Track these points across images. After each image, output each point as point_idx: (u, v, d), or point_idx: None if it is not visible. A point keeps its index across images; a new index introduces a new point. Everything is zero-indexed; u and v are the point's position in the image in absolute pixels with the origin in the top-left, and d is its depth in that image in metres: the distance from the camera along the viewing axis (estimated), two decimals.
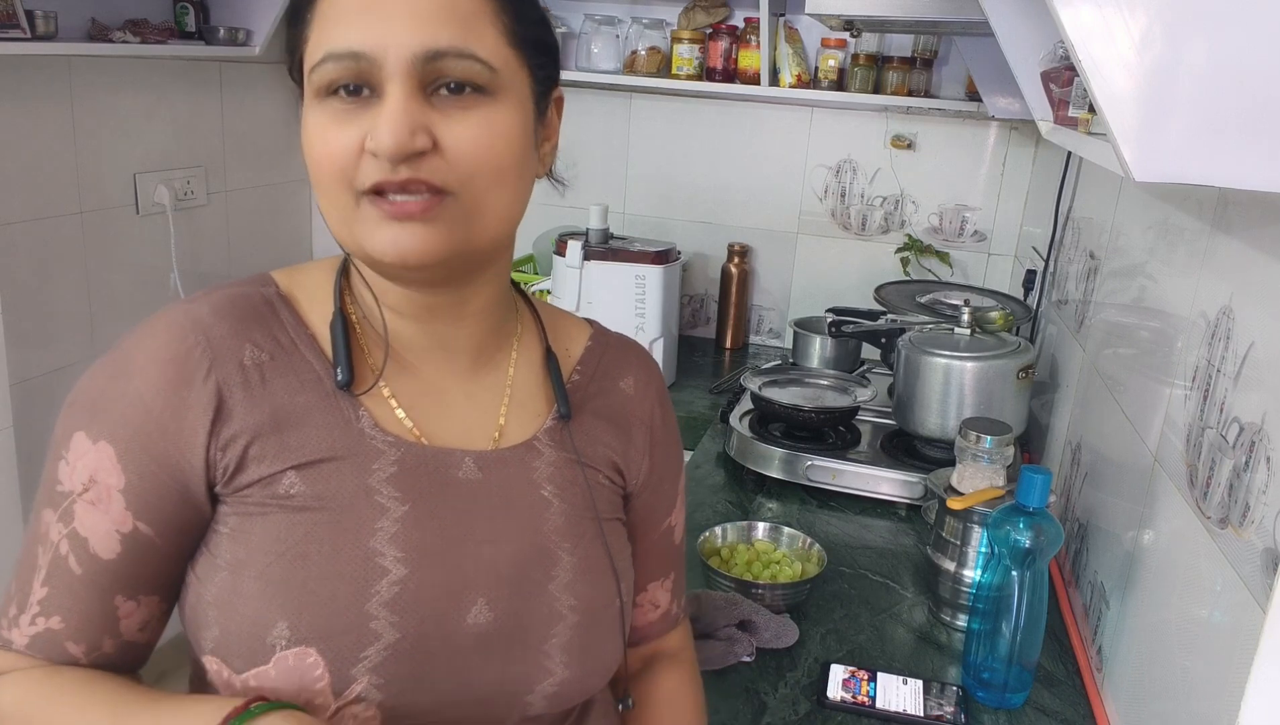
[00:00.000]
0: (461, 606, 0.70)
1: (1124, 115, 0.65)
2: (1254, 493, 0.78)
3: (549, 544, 0.75)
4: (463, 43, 0.65)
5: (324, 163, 0.66)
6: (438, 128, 0.65)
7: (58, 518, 0.69)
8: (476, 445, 0.75)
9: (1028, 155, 2.37)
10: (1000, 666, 1.12)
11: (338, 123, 0.65)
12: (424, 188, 0.64)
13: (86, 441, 0.68)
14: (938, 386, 1.61)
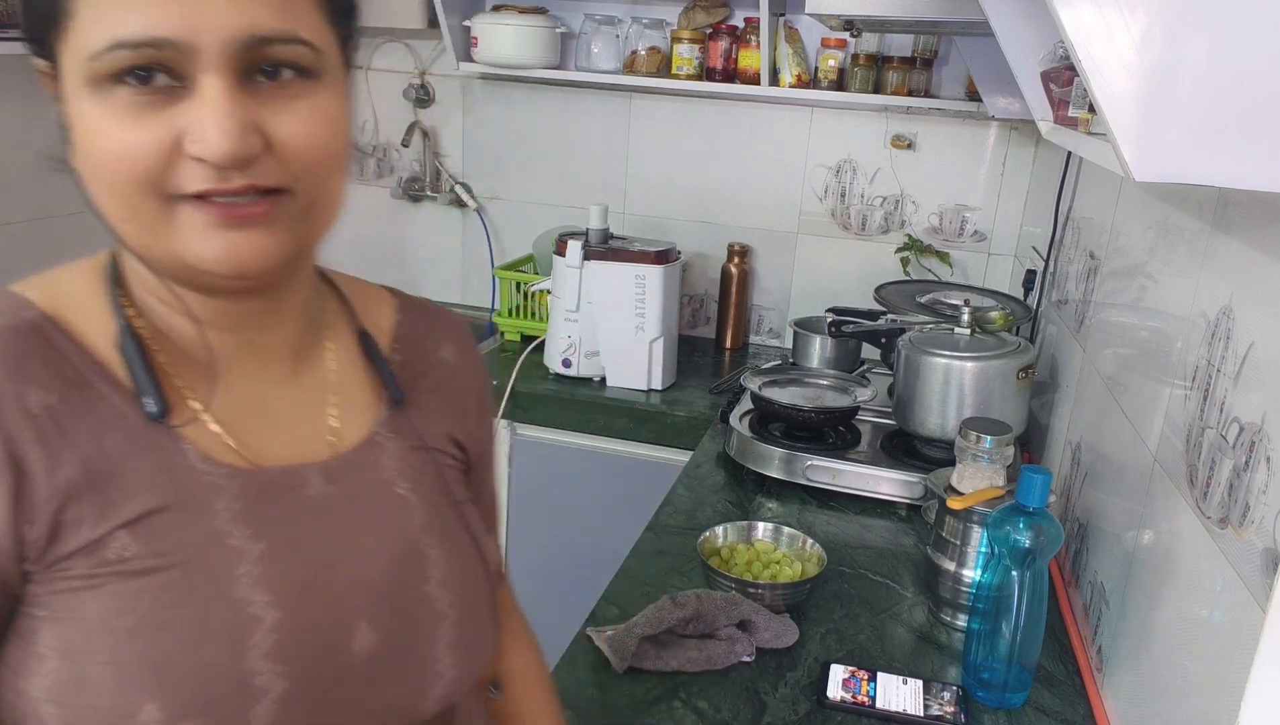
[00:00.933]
0: (345, 635, 0.63)
1: (1124, 115, 0.65)
2: (1254, 493, 0.78)
3: (417, 544, 0.68)
4: (288, 24, 0.57)
5: (120, 164, 0.56)
6: (267, 123, 0.57)
7: None
8: (317, 456, 0.67)
9: (1028, 155, 2.38)
10: (1000, 666, 1.12)
11: (134, 117, 0.55)
12: (258, 190, 0.57)
13: None
14: (938, 386, 1.61)
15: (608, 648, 1.13)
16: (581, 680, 1.12)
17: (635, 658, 1.13)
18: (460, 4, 2.46)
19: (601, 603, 1.29)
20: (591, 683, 1.12)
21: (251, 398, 0.66)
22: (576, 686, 1.11)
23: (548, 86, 2.59)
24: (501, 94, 2.66)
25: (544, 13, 2.46)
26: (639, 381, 2.19)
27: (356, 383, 0.73)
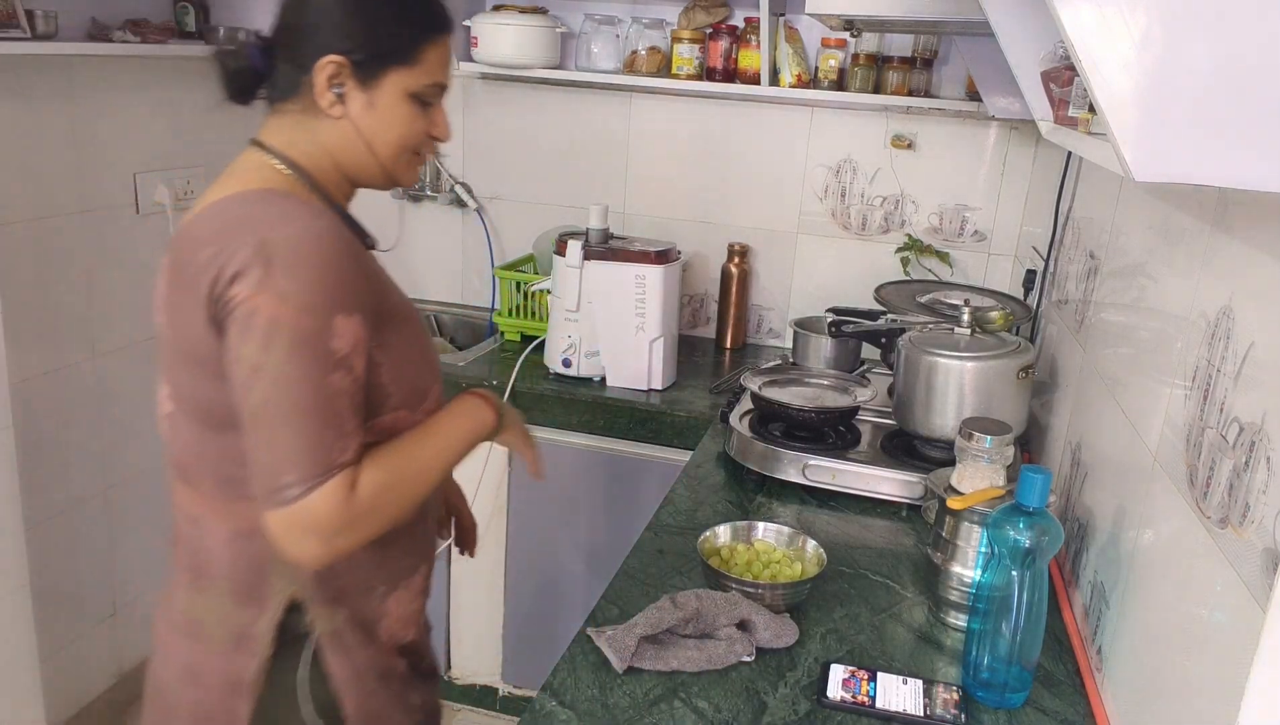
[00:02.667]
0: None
1: (1124, 115, 0.65)
2: (1254, 492, 0.78)
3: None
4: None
5: (410, 136, 1.10)
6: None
7: (344, 374, 0.98)
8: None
9: (1028, 155, 2.38)
10: (1000, 666, 1.12)
11: (419, 117, 1.11)
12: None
13: (345, 319, 0.98)
14: (938, 386, 1.61)
15: (608, 648, 1.13)
16: (581, 680, 1.12)
17: (635, 658, 1.13)
18: (460, 4, 2.47)
19: (601, 603, 1.29)
20: (591, 683, 1.12)
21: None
22: (576, 686, 1.11)
23: (548, 86, 2.59)
24: (502, 94, 2.66)
25: (544, 13, 2.46)
26: (639, 381, 2.19)
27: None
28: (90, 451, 2.28)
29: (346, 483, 0.97)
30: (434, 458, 1.09)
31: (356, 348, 0.99)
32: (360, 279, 1.02)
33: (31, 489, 2.09)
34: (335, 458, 0.96)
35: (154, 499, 2.50)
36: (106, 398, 2.30)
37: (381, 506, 1.01)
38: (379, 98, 1.07)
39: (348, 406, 0.98)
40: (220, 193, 1.05)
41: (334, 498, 0.96)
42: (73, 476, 2.25)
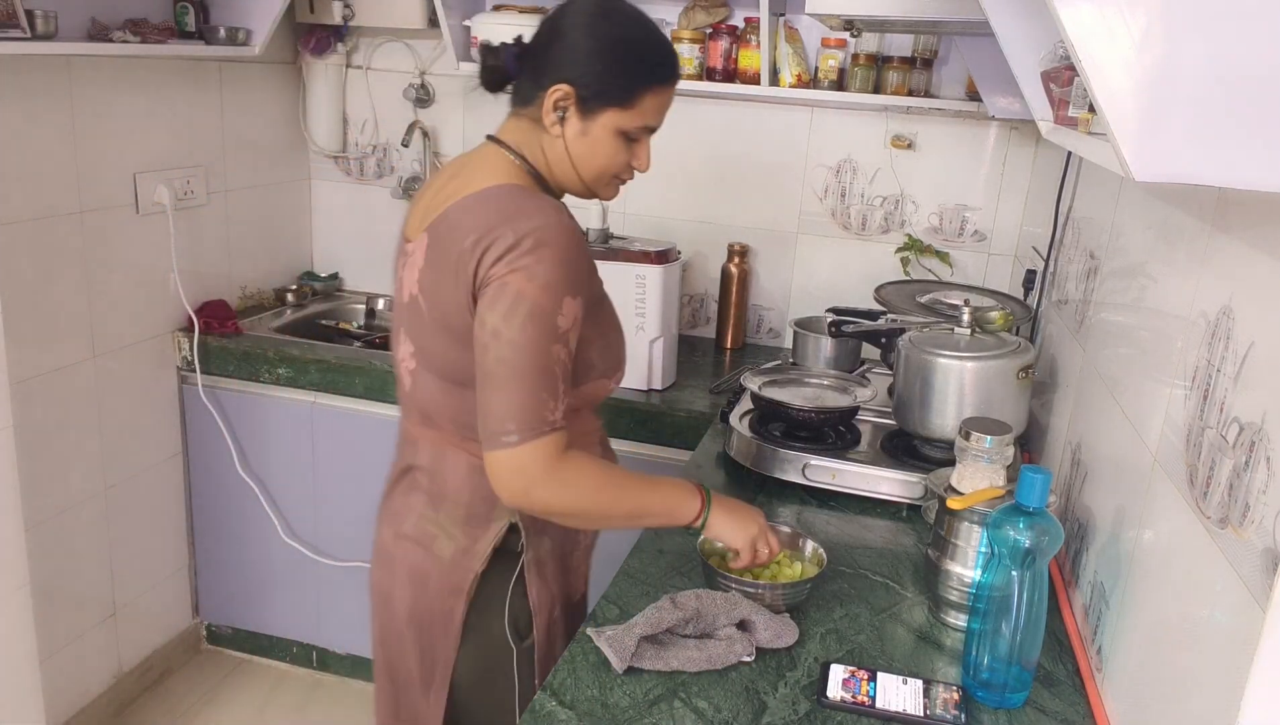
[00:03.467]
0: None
1: (1124, 115, 0.65)
2: (1254, 493, 0.78)
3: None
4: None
5: (613, 165, 1.26)
6: None
7: (562, 346, 1.16)
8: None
9: (1028, 155, 2.38)
10: (1000, 666, 1.12)
11: (624, 150, 1.26)
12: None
13: (571, 300, 1.16)
14: (938, 386, 1.61)
15: (608, 648, 1.13)
16: (581, 680, 1.12)
17: (635, 658, 1.13)
18: (460, 4, 2.46)
19: (601, 603, 1.29)
20: (592, 683, 1.12)
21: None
22: (576, 686, 1.11)
23: None
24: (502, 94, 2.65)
25: (544, 12, 2.45)
26: (639, 381, 2.19)
27: None
28: (90, 451, 2.28)
29: (558, 444, 1.16)
30: (628, 501, 1.24)
31: (574, 326, 1.17)
32: (586, 267, 1.21)
33: (31, 489, 2.09)
34: (547, 417, 1.14)
35: (154, 499, 2.50)
36: (106, 398, 2.30)
37: (573, 485, 1.17)
38: (592, 129, 1.22)
39: (561, 375, 1.16)
40: (472, 183, 1.22)
41: (544, 453, 1.14)
42: (73, 476, 2.25)
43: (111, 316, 2.28)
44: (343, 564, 2.50)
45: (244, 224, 2.68)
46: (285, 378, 2.38)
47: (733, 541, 1.28)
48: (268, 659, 2.70)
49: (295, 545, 2.51)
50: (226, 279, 2.64)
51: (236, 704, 2.54)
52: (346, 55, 2.76)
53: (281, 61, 2.73)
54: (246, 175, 2.66)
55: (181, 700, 2.54)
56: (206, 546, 2.63)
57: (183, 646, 2.67)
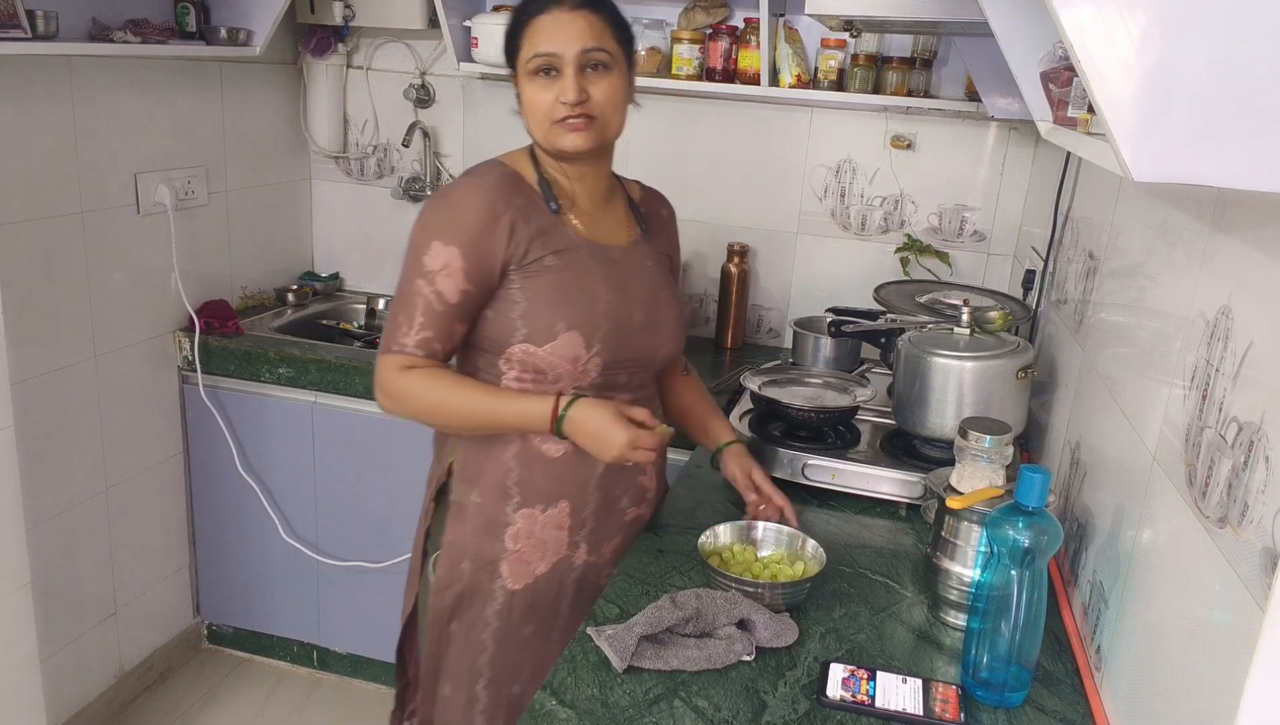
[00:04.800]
0: (631, 312, 1.42)
1: (1123, 115, 0.65)
2: (1253, 492, 0.79)
3: (657, 287, 1.49)
4: (599, 42, 1.35)
5: (540, 108, 1.35)
6: (589, 87, 1.35)
7: (427, 283, 1.33)
8: (619, 242, 1.47)
9: (1027, 155, 2.38)
10: (1000, 666, 1.13)
11: (544, 89, 1.35)
12: (583, 116, 1.35)
13: (441, 245, 1.33)
14: (937, 386, 1.61)
15: (608, 647, 1.13)
16: (581, 680, 1.12)
17: (635, 657, 1.13)
18: (460, 4, 2.47)
19: (601, 603, 1.29)
20: (591, 682, 1.12)
21: (588, 213, 1.45)
22: (576, 686, 1.11)
23: None
24: (501, 94, 2.66)
25: None
26: None
27: (631, 219, 1.53)
28: (90, 451, 2.29)
29: (398, 363, 1.35)
30: (470, 411, 1.38)
31: (446, 271, 1.32)
32: (488, 227, 1.33)
33: (31, 489, 2.09)
34: (398, 338, 1.35)
35: (154, 499, 2.50)
36: (106, 398, 2.30)
37: (409, 401, 1.36)
38: (519, 87, 1.39)
39: (420, 308, 1.34)
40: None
41: (385, 368, 1.36)
42: (73, 476, 2.25)
43: (112, 316, 2.28)
44: (343, 564, 2.50)
45: (244, 224, 2.68)
46: (286, 377, 2.38)
47: (597, 458, 1.37)
48: (268, 659, 2.71)
49: (296, 545, 2.51)
50: (227, 279, 2.64)
51: (236, 704, 2.54)
52: (347, 55, 2.77)
53: (282, 62, 2.73)
54: (247, 175, 2.66)
55: (182, 700, 2.54)
56: (207, 546, 2.64)
57: (183, 646, 2.67)
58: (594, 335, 1.37)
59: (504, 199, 1.35)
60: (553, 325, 1.35)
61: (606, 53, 1.35)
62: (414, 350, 1.35)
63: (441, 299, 1.33)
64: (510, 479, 1.42)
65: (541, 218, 1.38)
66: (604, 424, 1.33)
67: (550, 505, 1.43)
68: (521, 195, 1.37)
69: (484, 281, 1.35)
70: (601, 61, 1.34)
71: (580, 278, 1.38)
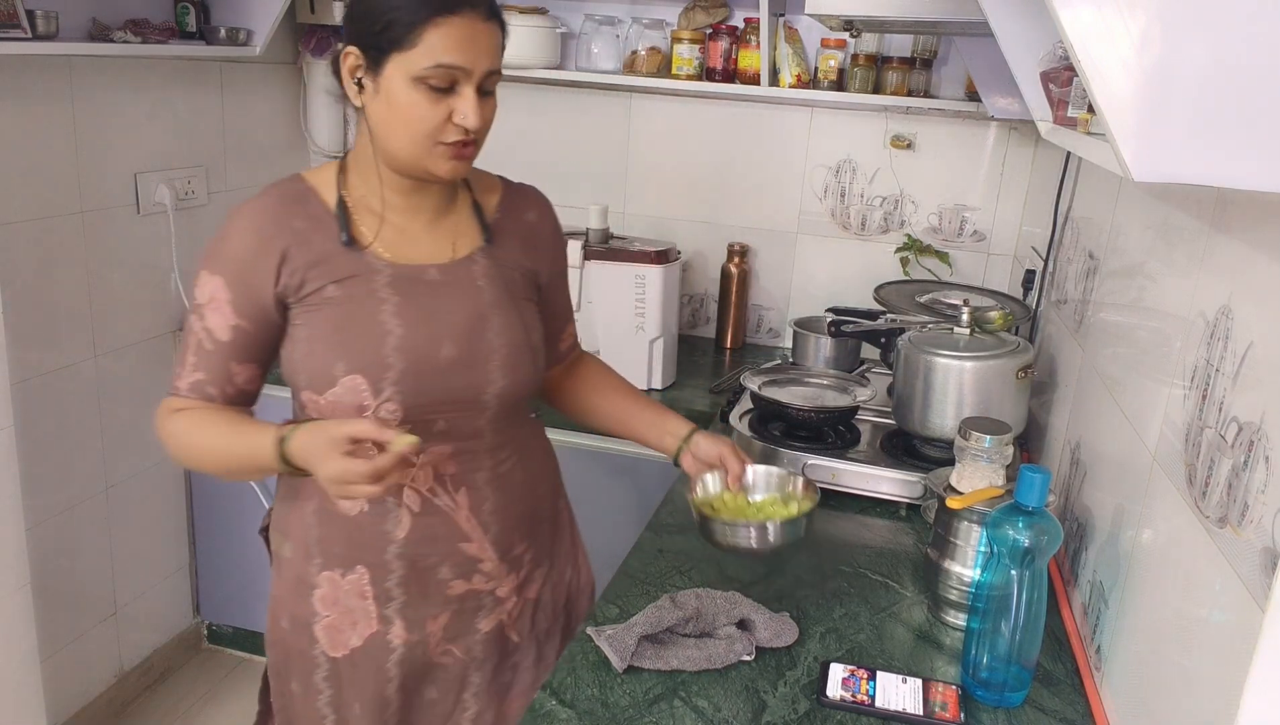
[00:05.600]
0: (437, 347, 1.19)
1: (1123, 115, 0.65)
2: (1253, 492, 0.79)
3: (484, 311, 1.23)
4: (500, 64, 1.16)
5: (420, 124, 1.11)
6: (481, 112, 1.14)
7: (196, 318, 1.18)
8: (439, 260, 1.23)
9: (1027, 155, 2.38)
10: (1000, 665, 1.13)
11: (432, 102, 1.11)
12: (470, 143, 1.15)
13: (208, 275, 1.17)
14: (937, 386, 1.61)
15: (608, 647, 1.13)
16: (581, 680, 1.12)
17: (635, 657, 1.13)
18: None
19: (601, 602, 1.29)
20: (591, 682, 1.12)
21: (406, 230, 1.23)
22: (576, 686, 1.11)
23: (548, 86, 2.59)
24: (501, 94, 2.65)
25: (544, 13, 2.46)
26: (639, 381, 2.19)
27: (472, 228, 1.28)
28: (90, 451, 2.28)
29: (169, 406, 1.21)
30: (212, 451, 1.20)
31: (213, 305, 1.17)
32: (256, 255, 1.16)
33: (31, 489, 2.09)
34: (173, 382, 1.21)
35: (154, 499, 2.50)
36: (106, 398, 2.30)
37: (173, 448, 1.21)
38: (385, 85, 1.11)
39: (193, 346, 1.19)
40: None
41: (159, 414, 1.22)
42: (73, 476, 2.25)
43: (112, 316, 2.28)
44: None
45: None
46: None
47: (318, 479, 1.10)
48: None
49: None
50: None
51: (236, 704, 2.54)
52: None
53: (282, 62, 2.73)
54: (247, 175, 2.66)
55: (182, 700, 2.54)
56: (206, 546, 2.63)
57: (183, 646, 2.67)
58: (382, 378, 1.15)
59: (277, 222, 1.16)
60: (330, 368, 1.15)
61: (500, 75, 1.16)
62: (186, 393, 1.19)
63: (211, 337, 1.17)
64: (311, 536, 1.25)
65: (326, 243, 1.17)
66: (313, 451, 1.07)
67: (349, 570, 1.24)
68: (306, 217, 1.18)
69: (259, 317, 1.17)
70: (494, 84, 1.16)
71: (365, 309, 1.16)
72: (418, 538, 1.23)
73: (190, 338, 1.19)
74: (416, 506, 1.22)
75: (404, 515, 1.22)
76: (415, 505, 1.22)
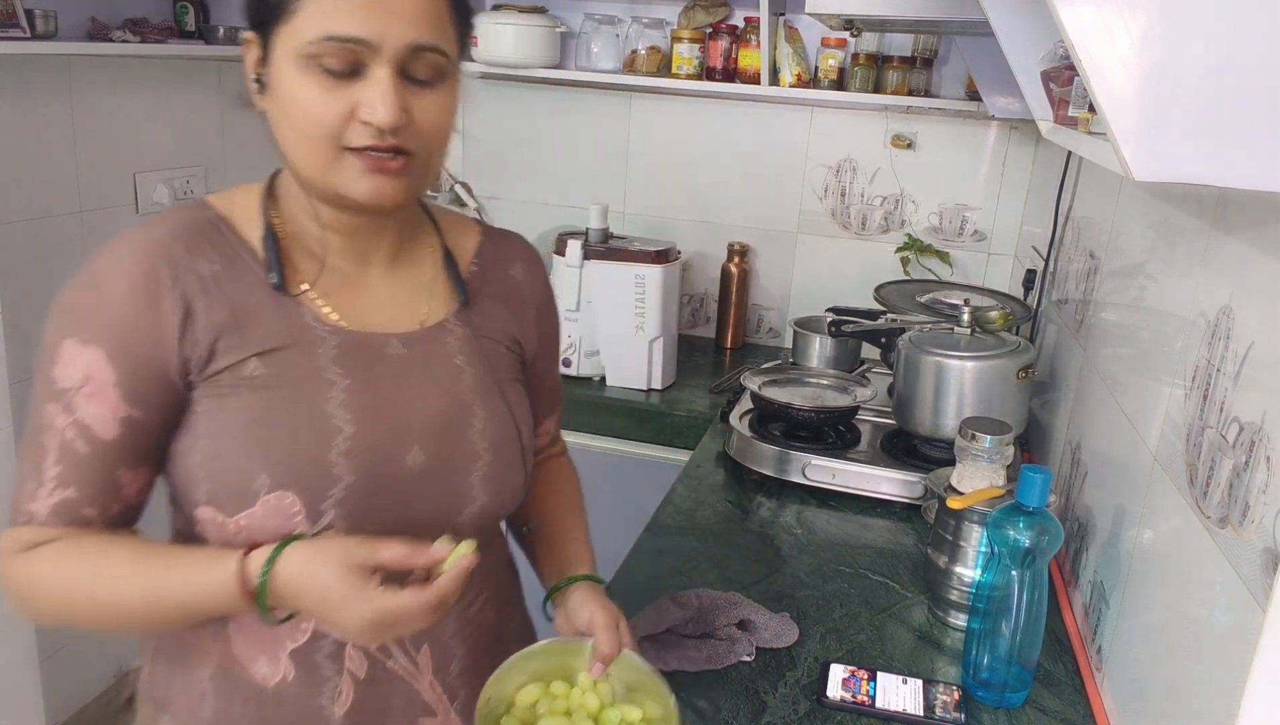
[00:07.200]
0: (402, 452, 0.87)
1: (1124, 115, 0.65)
2: (1254, 492, 0.79)
3: (466, 401, 0.92)
4: (438, 40, 0.81)
5: (313, 120, 0.80)
6: (410, 104, 0.81)
7: (61, 410, 0.83)
8: (401, 328, 0.92)
9: (1028, 155, 2.38)
10: (1000, 666, 1.12)
11: (328, 90, 0.79)
12: (398, 150, 0.81)
13: (78, 346, 0.82)
14: (938, 386, 1.61)
15: None
16: None
17: None
18: None
19: None
20: None
21: (356, 283, 0.91)
22: None
23: (548, 86, 2.59)
24: (501, 94, 2.66)
25: (544, 12, 2.46)
26: (639, 381, 2.19)
27: (442, 284, 0.97)
28: None
29: (17, 541, 0.83)
30: (122, 596, 0.82)
31: (89, 387, 0.81)
32: (146, 310, 0.81)
33: None
34: (23, 503, 0.83)
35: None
36: None
37: (32, 596, 0.84)
38: (274, 74, 0.82)
39: (54, 450, 0.82)
40: None
41: (2, 554, 0.84)
42: None
43: None
44: None
45: None
46: None
47: (336, 629, 0.84)
48: None
49: None
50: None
51: None
52: None
53: None
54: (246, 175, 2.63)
55: None
56: None
57: None
58: (323, 495, 0.82)
59: (173, 264, 0.82)
60: (247, 480, 0.82)
61: (446, 57, 0.82)
62: (47, 520, 0.83)
63: (88, 435, 0.82)
64: (205, 710, 0.89)
65: (249, 294, 0.85)
66: (324, 591, 0.76)
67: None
68: (216, 258, 0.85)
69: (157, 401, 0.83)
70: (436, 69, 0.82)
71: (302, 394, 0.84)
72: (364, 715, 0.88)
73: (49, 439, 0.82)
74: (362, 671, 0.88)
75: (345, 685, 0.88)
76: (361, 670, 0.88)
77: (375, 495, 0.85)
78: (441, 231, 1.00)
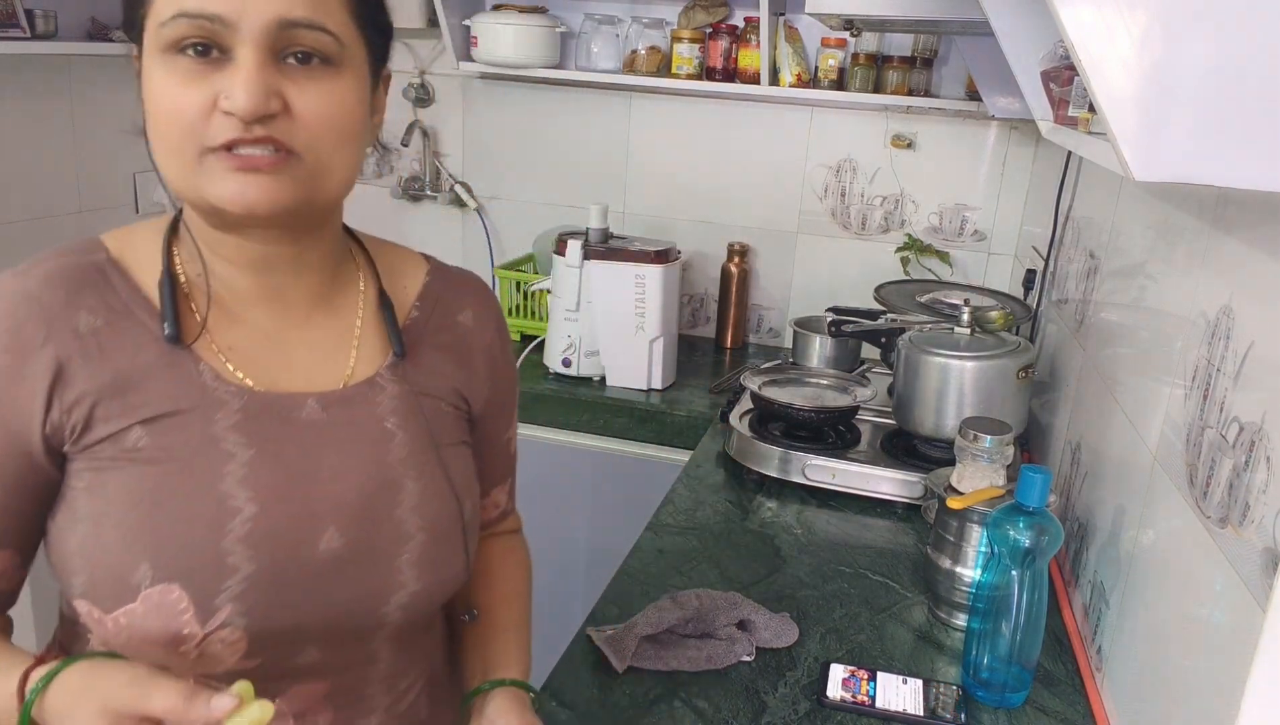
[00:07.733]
0: (313, 536, 0.76)
1: (1124, 115, 0.65)
2: (1254, 492, 0.78)
3: (394, 473, 0.80)
4: (314, 15, 0.71)
5: (171, 119, 0.70)
6: (288, 92, 0.70)
7: None
8: (321, 387, 0.80)
9: (1028, 155, 2.38)
10: (1000, 666, 1.12)
11: (187, 81, 0.69)
12: (274, 145, 0.70)
13: None
14: (938, 386, 1.61)
15: (608, 647, 1.13)
16: (581, 680, 1.12)
17: (635, 657, 1.13)
18: (460, 4, 2.46)
19: (601, 603, 1.29)
20: (591, 683, 1.12)
21: (269, 334, 0.80)
22: (576, 686, 1.11)
23: (548, 86, 2.59)
24: (501, 93, 2.66)
25: (544, 12, 2.46)
26: (639, 381, 2.19)
27: (375, 333, 0.85)
28: None
29: None
30: None
31: None
32: (11, 372, 0.72)
33: None
34: None
35: None
36: None
37: None
38: (144, 77, 0.72)
39: None
40: None
41: None
42: None
43: None
44: None
45: None
46: None
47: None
48: None
49: None
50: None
51: None
52: None
53: None
54: None
55: None
56: None
57: None
58: (217, 589, 0.72)
59: (46, 318, 0.73)
60: (127, 571, 0.71)
61: (330, 36, 0.72)
62: None
63: None
64: None
65: (137, 352, 0.75)
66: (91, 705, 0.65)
67: None
68: (100, 309, 0.75)
69: (22, 474, 0.74)
70: (318, 50, 0.72)
71: (194, 470, 0.74)
72: None
73: None
74: None
75: None
76: None
77: (282, 587, 0.74)
78: (379, 270, 0.87)
